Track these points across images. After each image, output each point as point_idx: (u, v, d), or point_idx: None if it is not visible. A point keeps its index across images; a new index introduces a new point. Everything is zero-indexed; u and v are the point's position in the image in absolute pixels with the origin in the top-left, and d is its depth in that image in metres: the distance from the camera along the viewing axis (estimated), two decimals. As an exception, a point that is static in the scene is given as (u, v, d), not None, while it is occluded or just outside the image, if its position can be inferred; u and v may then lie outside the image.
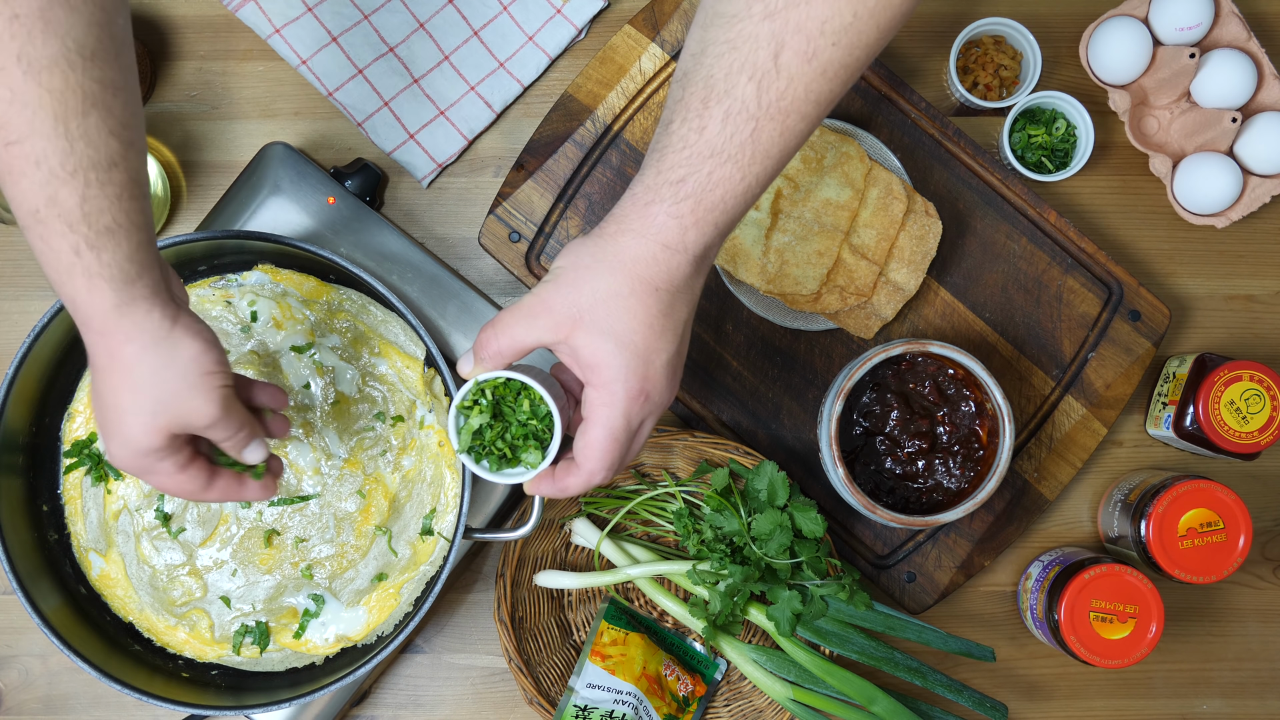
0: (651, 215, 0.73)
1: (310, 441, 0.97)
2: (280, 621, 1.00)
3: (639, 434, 0.79)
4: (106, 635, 1.00)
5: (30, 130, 0.68)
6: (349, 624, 1.01)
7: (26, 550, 0.97)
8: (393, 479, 1.00)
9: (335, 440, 0.98)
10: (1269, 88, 1.12)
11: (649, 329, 0.75)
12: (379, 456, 1.00)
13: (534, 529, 0.97)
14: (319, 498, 0.98)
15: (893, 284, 1.07)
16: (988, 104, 1.12)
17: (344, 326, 1.01)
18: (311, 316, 0.99)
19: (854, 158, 1.05)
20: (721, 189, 0.72)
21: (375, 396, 1.00)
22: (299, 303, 1.00)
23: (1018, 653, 1.15)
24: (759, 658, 1.05)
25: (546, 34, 1.15)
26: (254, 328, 0.99)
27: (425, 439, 1.00)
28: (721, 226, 0.74)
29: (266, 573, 0.99)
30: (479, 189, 1.16)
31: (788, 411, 1.11)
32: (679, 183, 0.72)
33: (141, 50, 1.12)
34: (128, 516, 0.99)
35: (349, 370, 0.99)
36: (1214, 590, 1.16)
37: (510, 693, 1.13)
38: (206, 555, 0.99)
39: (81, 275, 0.71)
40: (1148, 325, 1.11)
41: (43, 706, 1.11)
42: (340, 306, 1.01)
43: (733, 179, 0.72)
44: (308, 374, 0.97)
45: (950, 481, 1.03)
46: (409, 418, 1.01)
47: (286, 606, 1.00)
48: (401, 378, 1.00)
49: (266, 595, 0.99)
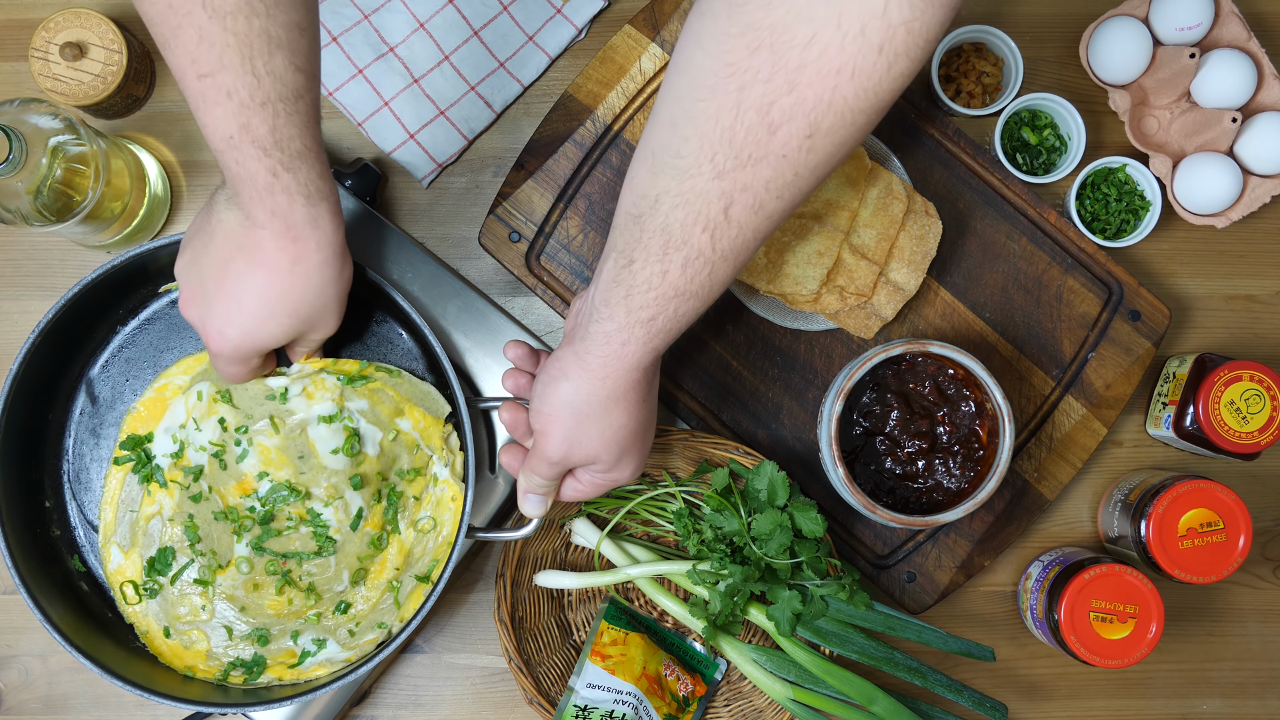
0: (628, 353, 0.83)
1: (336, 505, 0.96)
2: (277, 660, 0.99)
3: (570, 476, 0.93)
4: (108, 634, 1.00)
5: (220, 65, 0.75)
6: (335, 654, 1.00)
7: (28, 547, 0.97)
8: (408, 535, 0.99)
9: (359, 502, 0.97)
10: (1269, 88, 1.12)
11: (631, 428, 0.88)
12: (400, 514, 0.99)
13: (535, 529, 0.97)
14: (335, 554, 0.97)
15: (893, 284, 1.07)
16: (971, 111, 1.12)
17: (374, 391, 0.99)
18: (341, 381, 0.98)
19: (854, 157, 1.05)
20: (686, 318, 0.82)
21: (397, 455, 0.98)
22: (334, 378, 0.98)
23: (1018, 653, 1.15)
24: (759, 658, 1.05)
25: (546, 34, 1.15)
26: (284, 404, 0.97)
27: (439, 493, 0.99)
28: (681, 334, 0.84)
29: (276, 618, 0.98)
30: (479, 189, 1.16)
31: (788, 411, 1.11)
32: (650, 321, 0.81)
33: (142, 50, 1.12)
34: (159, 523, 0.99)
35: (375, 432, 0.97)
36: (1214, 590, 1.16)
37: (510, 693, 1.13)
38: (224, 582, 0.98)
39: (282, 193, 0.81)
40: (1148, 325, 1.11)
41: (43, 706, 1.11)
42: (373, 376, 1.00)
43: (695, 309, 0.82)
44: (336, 442, 0.95)
45: (950, 481, 1.03)
46: (425, 473, 1.00)
47: (287, 649, 0.99)
48: (423, 435, 0.99)
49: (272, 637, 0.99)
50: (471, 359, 1.08)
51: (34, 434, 1.01)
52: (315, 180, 0.82)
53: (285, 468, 0.94)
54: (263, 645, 0.98)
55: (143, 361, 1.04)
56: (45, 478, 1.02)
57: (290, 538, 0.96)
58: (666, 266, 0.78)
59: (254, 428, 0.95)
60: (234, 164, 0.80)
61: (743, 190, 0.75)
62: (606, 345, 0.83)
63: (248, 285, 0.85)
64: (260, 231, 0.83)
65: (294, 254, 0.84)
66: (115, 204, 1.05)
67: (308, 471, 0.95)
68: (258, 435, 0.95)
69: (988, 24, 1.13)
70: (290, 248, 0.84)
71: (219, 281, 0.86)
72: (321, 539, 0.96)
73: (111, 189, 1.03)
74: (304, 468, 0.95)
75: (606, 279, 0.82)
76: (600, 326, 0.82)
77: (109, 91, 1.07)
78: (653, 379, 0.88)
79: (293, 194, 0.81)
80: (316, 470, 0.95)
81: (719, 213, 0.76)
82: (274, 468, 0.94)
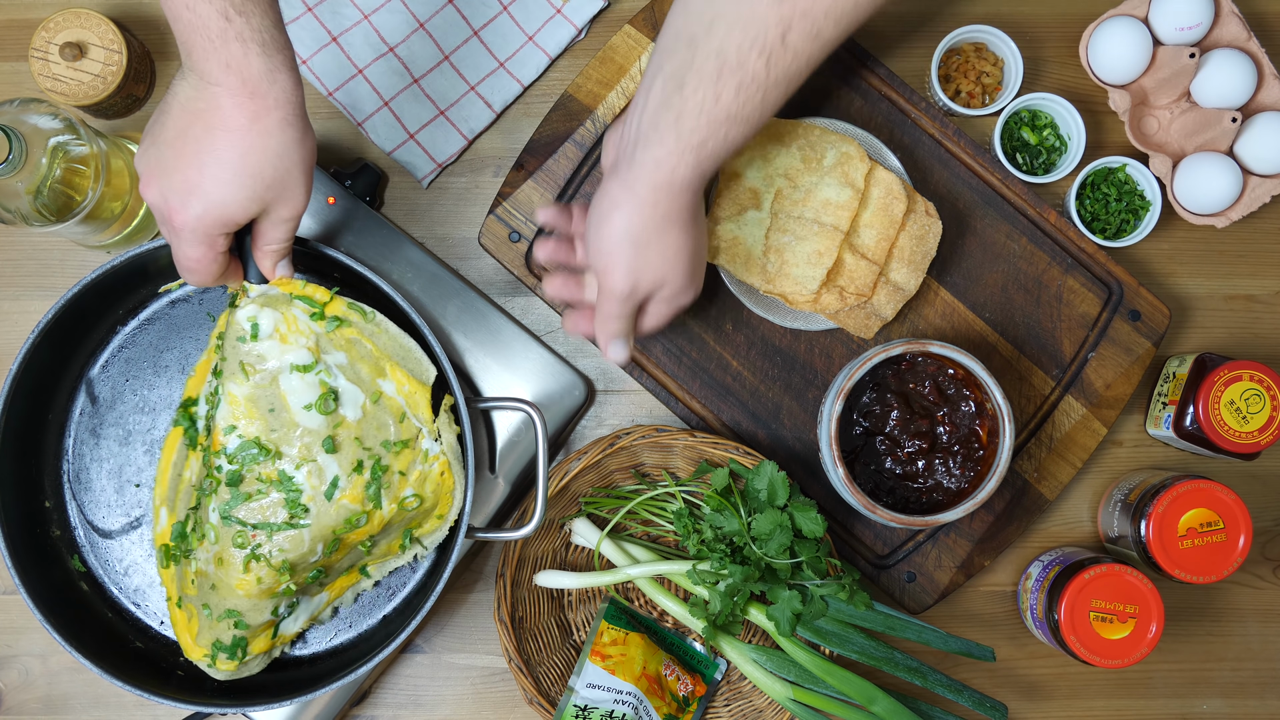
0: (678, 177, 0.83)
1: (308, 469, 0.89)
2: (255, 634, 0.95)
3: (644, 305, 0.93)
4: (108, 634, 1.00)
5: None
6: (314, 607, 0.98)
7: (28, 547, 0.97)
8: (390, 508, 0.93)
9: (335, 469, 0.91)
10: (1269, 88, 1.12)
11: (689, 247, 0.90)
12: (382, 490, 0.92)
13: (535, 529, 0.97)
14: (309, 527, 0.90)
15: (893, 284, 1.07)
16: (971, 111, 1.12)
17: (351, 342, 0.93)
18: (319, 330, 0.92)
19: (855, 158, 1.05)
20: (734, 143, 0.83)
21: (383, 423, 0.93)
22: (307, 316, 0.92)
23: (1018, 653, 1.15)
24: (759, 658, 1.05)
25: (546, 34, 1.15)
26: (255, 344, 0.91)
27: (429, 470, 0.95)
28: (727, 158, 0.85)
29: (246, 598, 0.92)
30: (479, 189, 1.16)
31: (788, 411, 1.11)
32: (700, 145, 0.82)
33: (142, 50, 1.12)
34: (189, 487, 0.97)
35: (354, 392, 0.91)
36: (1214, 590, 1.16)
37: (510, 693, 1.13)
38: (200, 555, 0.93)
39: (235, 40, 0.78)
40: (1148, 325, 1.11)
41: (43, 706, 1.11)
42: (349, 321, 0.94)
43: (744, 134, 0.83)
44: (310, 396, 0.90)
45: (950, 481, 1.03)
46: (414, 446, 0.94)
47: (266, 621, 0.95)
48: (410, 402, 0.94)
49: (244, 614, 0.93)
50: (471, 359, 1.08)
51: (34, 434, 1.01)
52: (270, 28, 0.79)
53: (255, 421, 0.89)
54: (241, 629, 0.94)
55: (142, 361, 1.04)
56: (45, 478, 1.02)
57: (261, 505, 0.89)
58: (719, 90, 0.79)
59: (225, 374, 0.90)
60: (184, 10, 0.77)
61: (802, 16, 0.76)
62: (656, 171, 0.83)
63: (207, 150, 0.81)
64: (215, 89, 0.80)
65: (252, 111, 0.80)
66: (115, 204, 1.05)
67: (279, 429, 0.89)
68: (228, 382, 0.89)
69: (988, 24, 1.13)
70: (248, 104, 0.80)
71: (177, 152, 0.82)
72: (294, 506, 0.89)
73: (111, 189, 1.03)
74: (275, 423, 0.89)
75: (654, 104, 0.82)
76: (649, 153, 0.83)
77: (109, 91, 1.07)
78: (700, 201, 0.89)
79: (247, 42, 0.78)
80: (288, 427, 0.89)
81: (776, 38, 0.77)
82: (244, 421, 0.89)
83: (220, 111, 0.80)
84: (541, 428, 0.96)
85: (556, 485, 1.03)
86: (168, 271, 1.04)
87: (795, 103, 1.11)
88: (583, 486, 1.08)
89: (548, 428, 1.06)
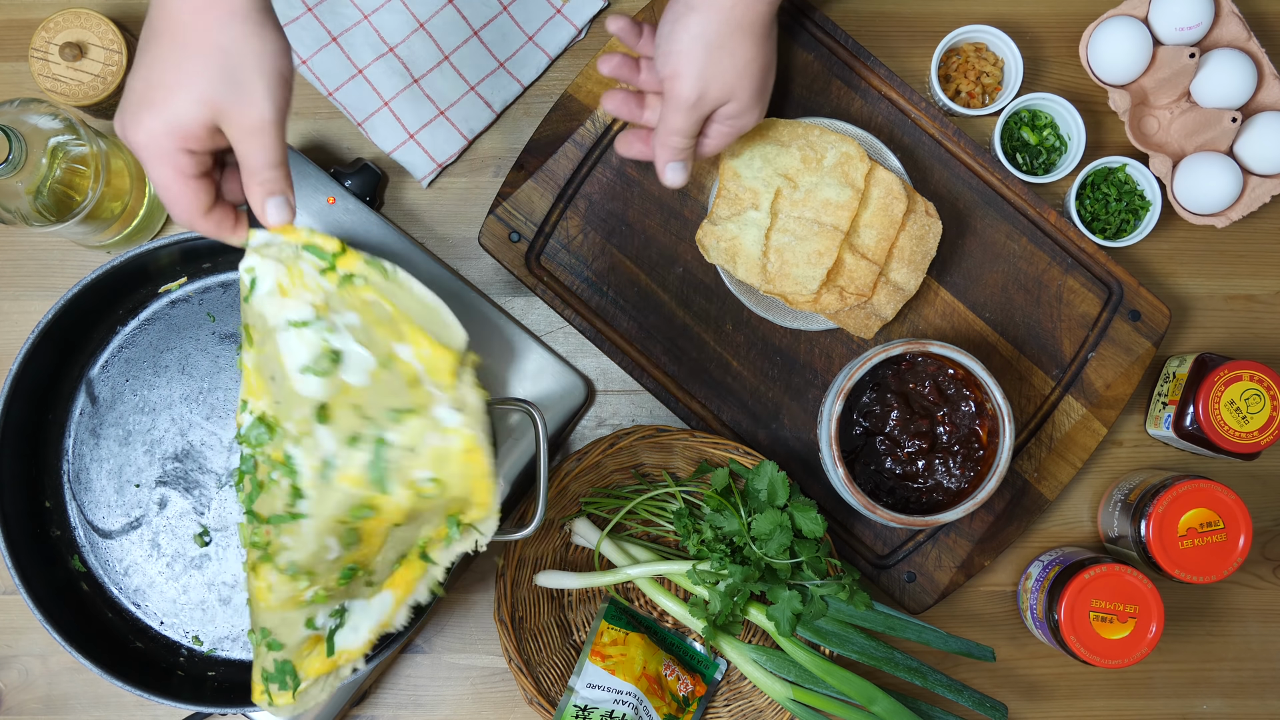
0: None
1: (307, 444, 0.77)
2: (302, 654, 0.84)
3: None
4: (108, 634, 1.00)
5: None
6: (378, 612, 0.86)
7: (28, 547, 0.97)
8: (403, 494, 0.78)
9: (332, 444, 0.77)
10: (1269, 88, 1.12)
11: (761, 62, 0.90)
12: (388, 470, 0.78)
13: (535, 529, 0.97)
14: (309, 518, 0.78)
15: (893, 284, 1.07)
16: (971, 111, 1.12)
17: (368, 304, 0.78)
18: (329, 287, 0.78)
19: (855, 158, 1.05)
20: None
21: (394, 389, 0.77)
22: (316, 272, 0.78)
23: (1018, 653, 1.15)
24: (759, 658, 1.05)
25: (546, 34, 1.15)
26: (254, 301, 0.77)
27: (447, 445, 0.78)
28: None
29: (268, 610, 0.81)
30: (479, 189, 1.16)
31: (788, 411, 1.11)
32: None
33: (141, 50, 1.12)
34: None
35: (364, 356, 0.77)
36: (1214, 590, 1.16)
37: (510, 693, 1.13)
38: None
39: None
40: (1148, 325, 1.11)
41: (43, 706, 1.11)
42: (368, 280, 0.78)
43: None
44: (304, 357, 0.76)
45: (950, 481, 1.03)
46: (423, 415, 0.78)
47: (305, 637, 0.83)
48: (429, 368, 0.78)
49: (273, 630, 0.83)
50: (471, 359, 1.08)
51: (34, 434, 1.01)
52: None
53: (264, 395, 0.78)
54: (276, 650, 0.82)
55: (142, 361, 1.04)
56: (45, 478, 1.02)
57: (271, 496, 0.78)
58: None
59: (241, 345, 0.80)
60: None
61: None
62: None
63: (156, 59, 0.76)
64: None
65: (196, 6, 0.74)
66: (115, 204, 1.05)
67: (283, 400, 0.77)
68: (243, 353, 0.80)
69: (988, 24, 1.13)
70: (195, 1, 0.74)
71: (138, 74, 0.77)
72: (293, 491, 0.77)
73: (111, 189, 1.03)
74: (278, 394, 0.77)
75: None
76: None
77: (109, 91, 1.07)
78: (774, 18, 0.88)
79: None
80: (289, 397, 0.76)
81: None
82: (253, 395, 0.79)
83: (170, 14, 0.75)
84: (541, 428, 0.96)
85: (556, 485, 1.03)
86: (168, 271, 1.04)
87: (795, 103, 1.12)
88: (583, 487, 1.08)
89: (548, 428, 1.06)
